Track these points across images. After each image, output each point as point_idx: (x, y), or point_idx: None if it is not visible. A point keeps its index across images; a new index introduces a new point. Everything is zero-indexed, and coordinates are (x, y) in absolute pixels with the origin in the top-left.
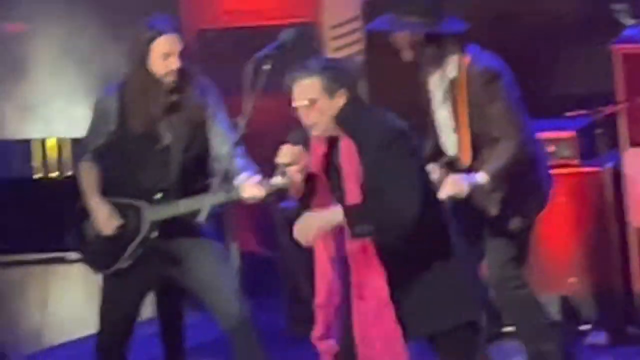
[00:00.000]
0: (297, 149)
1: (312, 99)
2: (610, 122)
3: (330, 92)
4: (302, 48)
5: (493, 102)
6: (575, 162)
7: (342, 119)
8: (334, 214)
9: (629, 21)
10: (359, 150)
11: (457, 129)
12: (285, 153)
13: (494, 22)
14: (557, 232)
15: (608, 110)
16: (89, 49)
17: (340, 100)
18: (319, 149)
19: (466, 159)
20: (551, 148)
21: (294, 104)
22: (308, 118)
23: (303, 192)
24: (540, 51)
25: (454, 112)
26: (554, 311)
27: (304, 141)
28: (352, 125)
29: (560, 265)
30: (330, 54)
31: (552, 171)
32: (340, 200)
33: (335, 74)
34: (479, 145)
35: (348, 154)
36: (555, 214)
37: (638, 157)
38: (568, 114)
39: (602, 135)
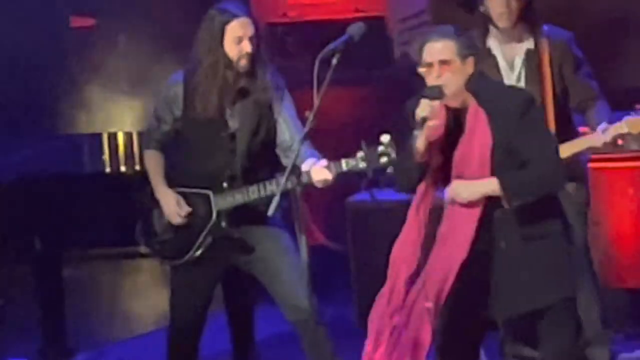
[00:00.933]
0: (436, 103)
1: (446, 59)
2: None
3: (463, 56)
4: (369, 42)
5: (580, 68)
6: None
7: (474, 86)
8: (488, 184)
9: None
10: (492, 119)
11: (542, 100)
12: (424, 107)
13: (556, 15)
14: (627, 225)
15: None
16: (153, 44)
17: (469, 67)
18: (440, 118)
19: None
20: (619, 141)
21: (428, 60)
22: (440, 78)
23: (426, 155)
24: (608, 44)
25: (540, 84)
26: (624, 305)
27: (440, 97)
28: (484, 93)
29: (633, 258)
30: (398, 48)
31: (619, 165)
32: (461, 168)
33: (468, 41)
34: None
35: (476, 122)
36: (624, 207)
37: None
38: (638, 106)
39: None
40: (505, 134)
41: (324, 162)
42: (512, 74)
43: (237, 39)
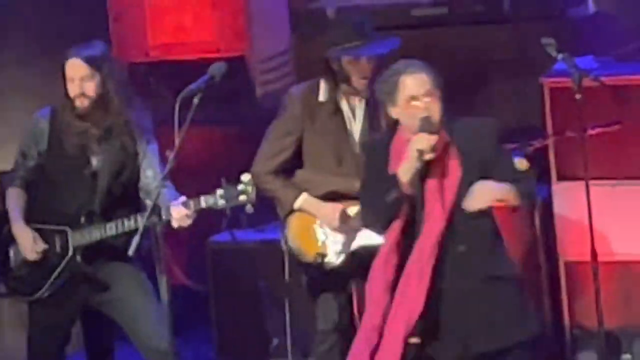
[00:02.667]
0: (434, 137)
1: (429, 91)
2: (540, 155)
3: (437, 88)
4: (231, 81)
5: None
6: None
7: (446, 119)
8: (505, 187)
9: (559, 55)
10: (463, 150)
11: None
12: (422, 140)
13: (423, 57)
14: None
15: (538, 144)
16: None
17: (439, 99)
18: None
19: None
20: None
21: (412, 93)
22: (428, 109)
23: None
24: (471, 85)
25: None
26: None
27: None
28: (453, 125)
29: None
30: (260, 88)
31: None
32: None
33: (435, 72)
34: None
35: (445, 154)
36: None
37: (567, 191)
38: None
39: (531, 169)
40: (478, 163)
41: (182, 199)
42: (356, 124)
43: (70, 80)
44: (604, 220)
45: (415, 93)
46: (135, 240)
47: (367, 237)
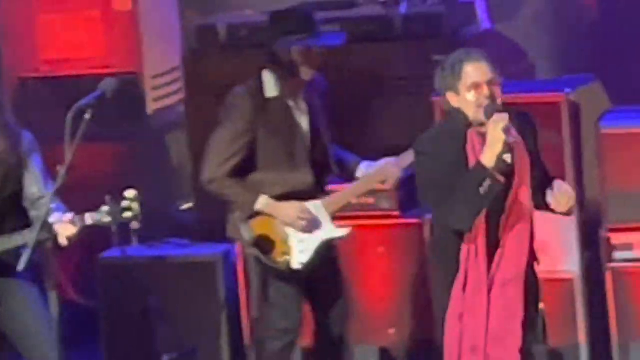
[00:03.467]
0: (507, 116)
1: (492, 78)
2: None
3: (497, 77)
4: (122, 98)
5: None
6: (395, 213)
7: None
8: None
9: None
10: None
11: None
12: (499, 120)
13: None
14: (376, 283)
15: None
16: None
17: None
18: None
19: None
20: (370, 200)
21: (475, 80)
22: (492, 96)
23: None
24: (362, 103)
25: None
26: None
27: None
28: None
29: (380, 317)
30: (151, 104)
31: (371, 223)
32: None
33: (494, 63)
34: None
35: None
36: (374, 265)
37: None
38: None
39: None
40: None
41: (69, 216)
42: (303, 118)
43: None
44: None
45: (477, 80)
46: (25, 256)
47: (329, 232)
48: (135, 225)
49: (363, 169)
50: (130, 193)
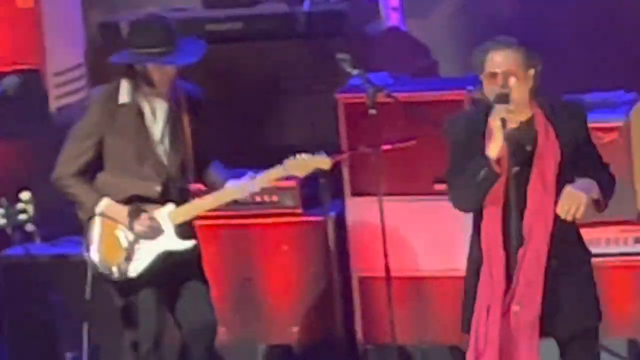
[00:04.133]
0: (511, 106)
1: (510, 70)
2: (334, 171)
3: (526, 67)
4: (25, 95)
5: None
6: (298, 211)
7: (540, 100)
8: (592, 187)
9: (353, 71)
10: (559, 133)
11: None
12: (500, 111)
13: (218, 72)
14: (280, 281)
15: (332, 159)
16: None
17: (532, 78)
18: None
19: None
20: (274, 197)
21: (492, 70)
22: (506, 86)
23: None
24: (266, 100)
25: (183, 139)
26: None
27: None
28: (547, 107)
29: (284, 315)
30: (54, 102)
31: (274, 220)
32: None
33: (529, 52)
34: None
35: (547, 139)
36: (278, 263)
37: (360, 206)
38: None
39: (325, 184)
40: (572, 147)
41: None
42: (156, 126)
43: None
44: (398, 236)
45: (495, 69)
46: None
47: (171, 242)
48: (30, 227)
49: (228, 187)
50: (25, 195)
